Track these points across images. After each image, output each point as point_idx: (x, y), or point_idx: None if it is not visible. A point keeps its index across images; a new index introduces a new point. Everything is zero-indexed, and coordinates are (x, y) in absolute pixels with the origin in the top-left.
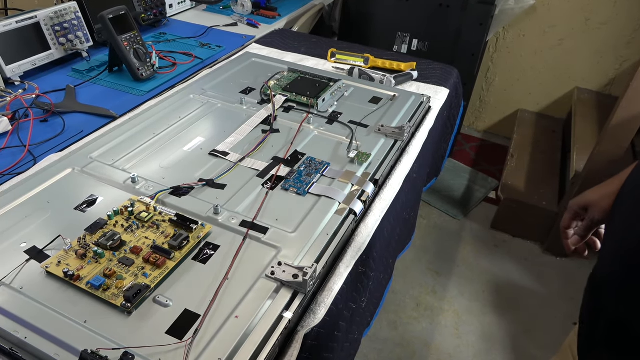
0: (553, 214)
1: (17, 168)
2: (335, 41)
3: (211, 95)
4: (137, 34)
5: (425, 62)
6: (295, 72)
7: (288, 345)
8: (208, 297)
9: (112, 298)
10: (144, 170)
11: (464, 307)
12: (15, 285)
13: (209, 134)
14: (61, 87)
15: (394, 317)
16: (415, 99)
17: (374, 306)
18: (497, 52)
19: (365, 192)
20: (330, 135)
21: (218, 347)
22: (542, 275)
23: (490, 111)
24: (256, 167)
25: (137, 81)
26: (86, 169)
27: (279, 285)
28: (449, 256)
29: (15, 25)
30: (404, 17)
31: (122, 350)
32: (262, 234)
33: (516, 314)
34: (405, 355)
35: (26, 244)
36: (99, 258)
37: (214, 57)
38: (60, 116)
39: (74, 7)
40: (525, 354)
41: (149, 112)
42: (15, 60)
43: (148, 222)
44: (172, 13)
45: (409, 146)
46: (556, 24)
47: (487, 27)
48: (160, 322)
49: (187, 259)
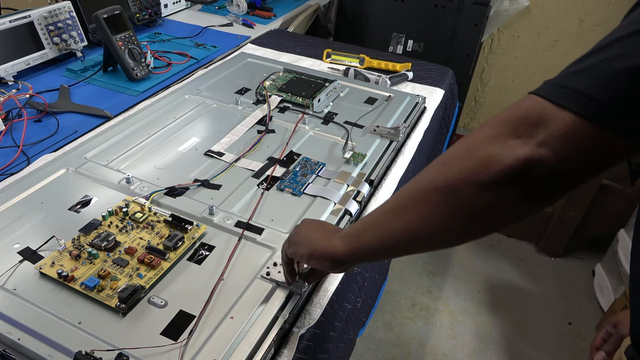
0: (547, 214)
1: (10, 168)
2: (330, 42)
3: (206, 96)
4: (132, 34)
5: (421, 62)
6: (291, 72)
7: (283, 345)
8: (203, 297)
9: (106, 299)
10: (138, 170)
11: (459, 307)
12: (8, 287)
13: (204, 134)
14: (55, 87)
15: (389, 318)
16: (411, 99)
17: (369, 306)
18: (492, 53)
19: (361, 193)
20: (326, 135)
21: (213, 347)
22: (537, 275)
23: (485, 112)
24: (251, 168)
25: (132, 81)
26: (80, 170)
27: (275, 286)
28: (444, 256)
29: (9, 24)
30: (399, 17)
31: (117, 352)
32: (257, 234)
33: (511, 314)
34: (400, 355)
35: (20, 244)
36: (93, 259)
37: (209, 57)
38: (54, 116)
39: (68, 7)
40: (520, 354)
41: (143, 113)
42: (9, 60)
43: (143, 222)
44: (167, 13)
45: (405, 147)
46: (551, 25)
47: (482, 28)
48: (155, 323)
49: (182, 259)
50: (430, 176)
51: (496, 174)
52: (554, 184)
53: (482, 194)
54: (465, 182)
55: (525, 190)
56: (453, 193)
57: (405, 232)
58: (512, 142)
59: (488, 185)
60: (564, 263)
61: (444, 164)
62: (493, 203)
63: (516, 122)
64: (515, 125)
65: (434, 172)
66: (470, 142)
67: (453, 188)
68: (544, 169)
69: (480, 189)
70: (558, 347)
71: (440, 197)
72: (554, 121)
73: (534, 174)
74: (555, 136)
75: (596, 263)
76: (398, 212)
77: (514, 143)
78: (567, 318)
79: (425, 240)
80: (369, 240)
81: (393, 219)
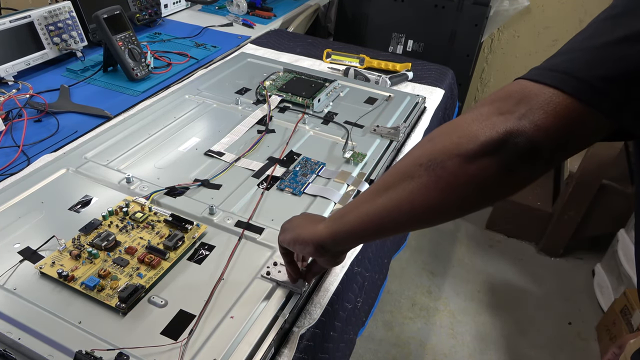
0: (547, 214)
1: (10, 168)
2: (330, 42)
3: (206, 96)
4: (132, 34)
5: (421, 62)
6: (291, 72)
7: (283, 345)
8: (203, 297)
9: (106, 299)
10: (138, 170)
11: (459, 307)
12: (8, 286)
13: (204, 134)
14: (55, 87)
15: (389, 318)
16: (411, 99)
17: (369, 306)
18: (491, 53)
19: (361, 193)
20: (326, 135)
21: (213, 347)
22: (537, 275)
23: None
24: (252, 168)
25: (132, 81)
26: (80, 169)
27: (275, 286)
28: (444, 256)
29: (9, 24)
30: (399, 17)
31: (117, 351)
32: (257, 234)
33: (511, 314)
34: (400, 355)
35: (20, 244)
36: (93, 258)
37: (209, 57)
38: (54, 116)
39: (68, 7)
40: (520, 354)
41: (143, 112)
42: (9, 60)
43: (143, 222)
44: (167, 13)
45: (405, 146)
46: (550, 25)
47: (481, 28)
48: (155, 322)
49: (182, 259)
50: (416, 153)
51: (477, 146)
52: (533, 156)
53: (463, 165)
54: (448, 154)
55: (505, 161)
56: (435, 165)
57: (388, 207)
58: (495, 119)
59: (469, 156)
60: (564, 263)
61: (430, 140)
62: (474, 174)
63: (500, 101)
64: (499, 105)
65: (420, 149)
66: (457, 121)
67: (436, 161)
68: (522, 139)
69: (462, 160)
70: (558, 347)
71: (423, 170)
72: (535, 97)
73: (512, 143)
74: (534, 109)
75: (596, 263)
76: (382, 189)
77: (496, 119)
78: (567, 318)
79: (408, 215)
80: (351, 221)
81: (377, 196)
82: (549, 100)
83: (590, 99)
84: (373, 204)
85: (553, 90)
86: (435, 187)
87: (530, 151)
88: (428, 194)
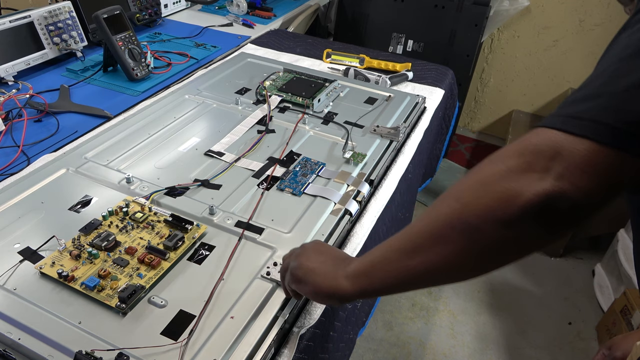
0: None
1: (10, 168)
2: (330, 42)
3: (206, 96)
4: (132, 34)
5: (421, 62)
6: (291, 72)
7: (283, 345)
8: (203, 297)
9: (106, 299)
10: (138, 170)
11: (459, 307)
12: (8, 287)
13: (204, 134)
14: (55, 87)
15: (389, 318)
16: (411, 99)
17: (369, 306)
18: (491, 53)
19: (361, 193)
20: (326, 135)
21: (213, 347)
22: (537, 275)
23: (485, 112)
24: (252, 168)
25: (132, 81)
26: (80, 169)
27: (275, 286)
28: None
29: (9, 24)
30: (399, 18)
31: (117, 351)
32: (257, 234)
33: (511, 314)
34: (400, 355)
35: (20, 244)
36: (93, 259)
37: (209, 57)
38: (54, 116)
39: (68, 7)
40: (520, 354)
41: (143, 113)
42: (9, 60)
43: (143, 222)
44: (167, 13)
45: (404, 146)
46: (550, 25)
47: (481, 28)
48: (155, 322)
49: (182, 259)
50: (445, 212)
51: (516, 211)
52: (575, 216)
53: (502, 231)
54: (484, 219)
55: (547, 225)
56: (471, 230)
57: (422, 270)
58: (529, 176)
59: (508, 222)
60: (564, 263)
61: (457, 200)
62: (514, 239)
63: (530, 156)
64: (529, 159)
65: (448, 208)
66: (483, 176)
67: (471, 226)
68: (565, 202)
69: (500, 226)
70: (558, 347)
71: (457, 235)
72: (569, 152)
73: (555, 208)
74: (572, 167)
75: (596, 263)
76: (413, 250)
77: (530, 177)
78: (567, 318)
79: (442, 276)
80: (381, 279)
81: (407, 257)
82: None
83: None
84: (404, 266)
85: (585, 141)
86: (473, 252)
87: (572, 212)
88: (465, 259)
